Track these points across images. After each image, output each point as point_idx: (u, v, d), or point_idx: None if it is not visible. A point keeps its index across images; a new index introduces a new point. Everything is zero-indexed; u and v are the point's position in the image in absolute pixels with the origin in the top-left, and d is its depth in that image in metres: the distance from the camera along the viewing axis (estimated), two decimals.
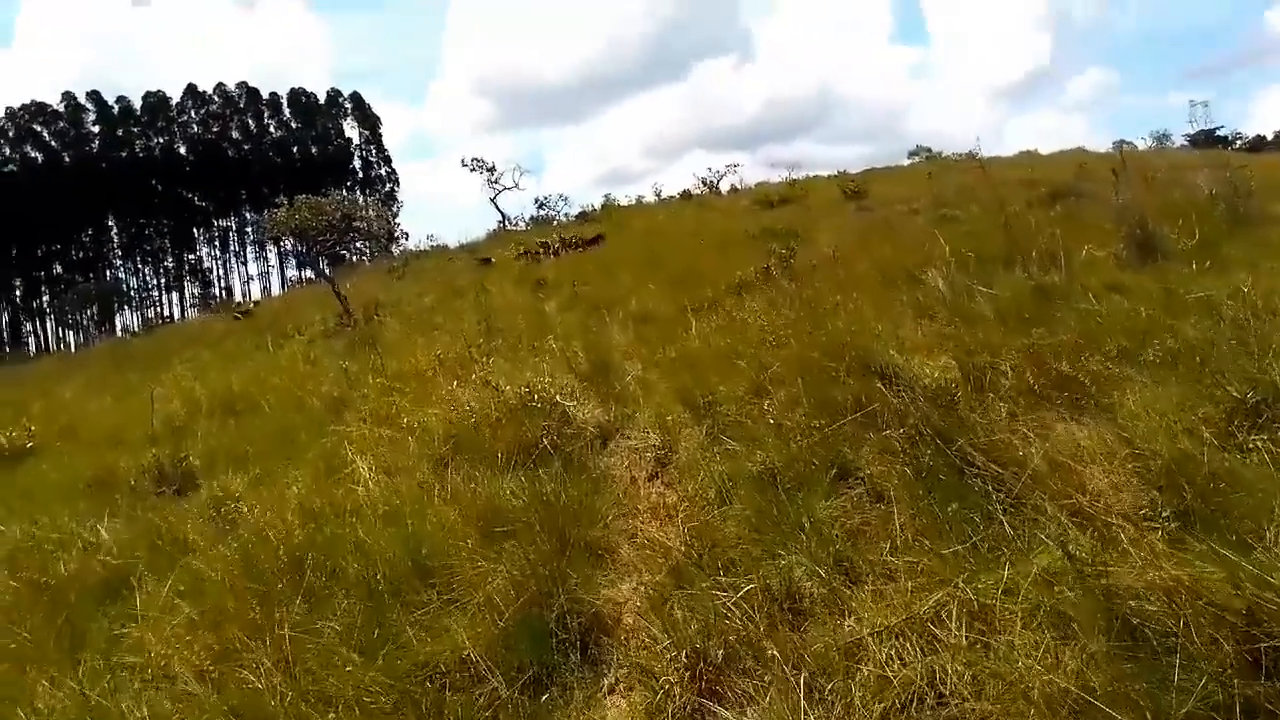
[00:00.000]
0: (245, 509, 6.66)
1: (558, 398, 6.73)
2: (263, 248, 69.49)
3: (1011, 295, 7.46)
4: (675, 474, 5.80)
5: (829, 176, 32.32)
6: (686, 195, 34.58)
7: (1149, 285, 7.26)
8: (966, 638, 3.12)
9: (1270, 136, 57.99)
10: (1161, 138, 51.00)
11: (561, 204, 37.27)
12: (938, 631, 3.19)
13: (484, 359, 9.08)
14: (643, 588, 4.31)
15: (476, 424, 6.46)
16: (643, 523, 5.13)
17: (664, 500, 5.43)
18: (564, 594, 3.90)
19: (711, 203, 29.97)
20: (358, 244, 19.68)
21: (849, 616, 3.45)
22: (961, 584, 3.36)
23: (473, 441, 6.35)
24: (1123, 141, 35.36)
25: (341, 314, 17.56)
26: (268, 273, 73.17)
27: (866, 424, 5.23)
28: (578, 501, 5.03)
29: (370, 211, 18.26)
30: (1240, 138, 58.49)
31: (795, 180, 31.13)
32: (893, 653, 3.12)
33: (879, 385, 5.69)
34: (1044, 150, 34.27)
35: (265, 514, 6.24)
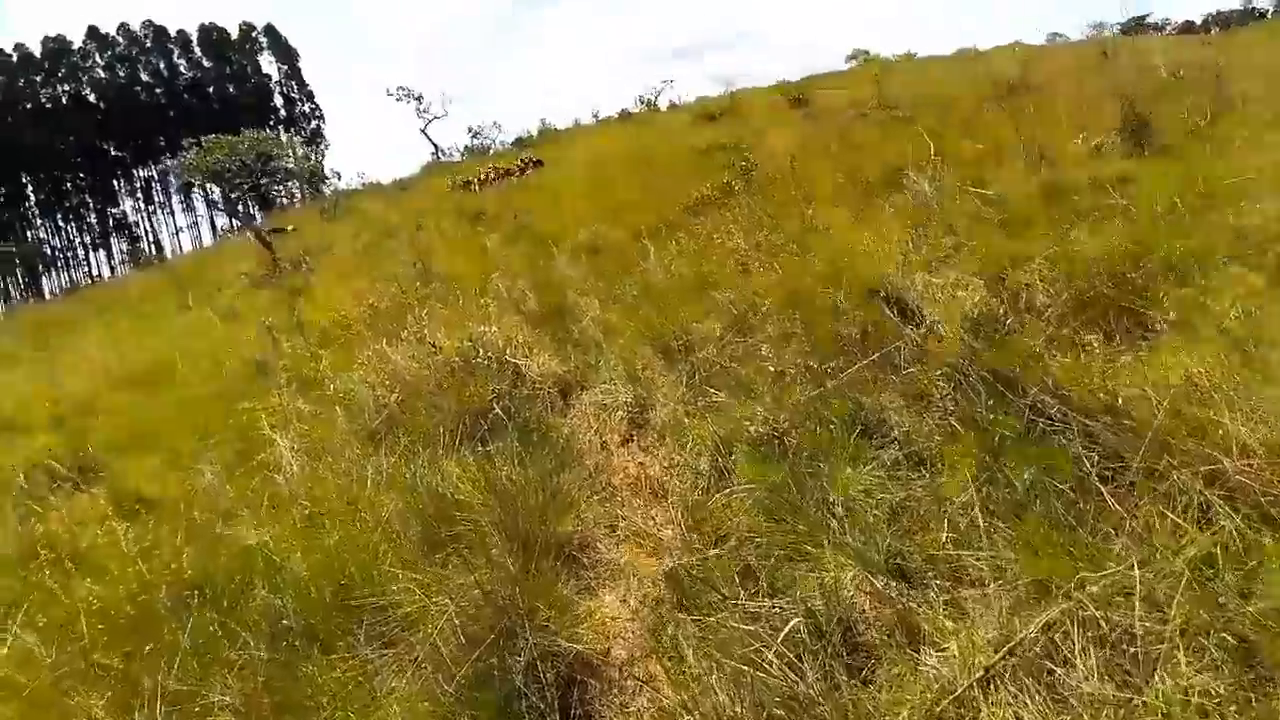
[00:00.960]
0: (140, 517, 5.49)
1: (507, 353, 5.63)
2: (189, 197, 65.49)
3: (1014, 196, 6.50)
4: (654, 436, 4.79)
5: (769, 87, 30.89)
6: (625, 115, 32.89)
7: (1163, 173, 6.33)
8: (1107, 679, 2.18)
9: (1199, 20, 57.49)
10: (1098, 26, 50.19)
11: (496, 132, 35.38)
12: (1061, 672, 2.26)
13: (420, 306, 7.89)
14: (632, 600, 3.33)
15: (413, 390, 5.34)
16: (623, 505, 4.13)
17: (645, 472, 4.42)
18: (531, 631, 2.87)
19: (651, 120, 28.45)
20: (284, 185, 17.92)
21: (929, 649, 2.50)
22: (1074, 592, 2.41)
23: (410, 411, 5.25)
24: (1055, 34, 34.31)
25: (269, 262, 16.05)
26: (197, 223, 69.23)
27: (883, 364, 4.25)
28: (540, 485, 3.98)
29: (291, 149, 16.52)
30: (1169, 23, 57.96)
31: (735, 92, 29.65)
32: (1012, 716, 2.18)
33: (889, 314, 4.71)
34: (982, 46, 33.09)
35: (161, 524, 5.09)
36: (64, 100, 67.81)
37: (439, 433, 4.84)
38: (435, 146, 34.77)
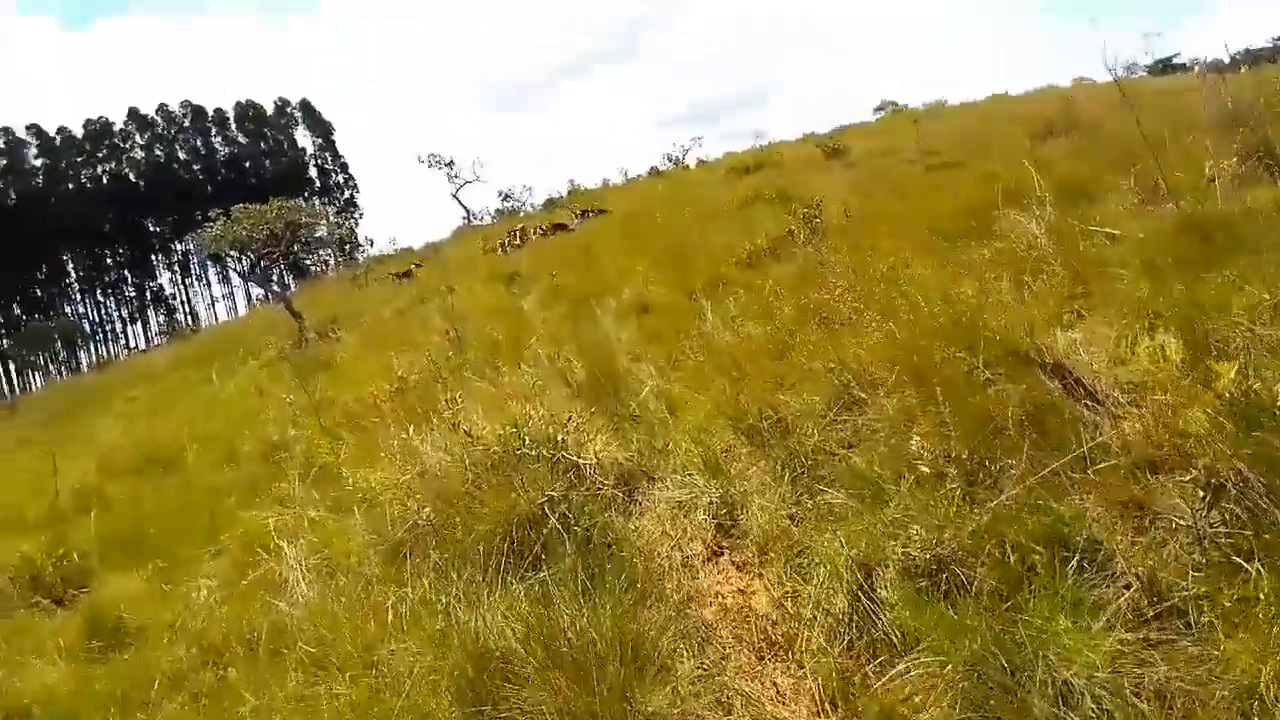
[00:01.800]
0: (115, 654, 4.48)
1: (558, 438, 4.59)
2: (224, 268, 65.76)
3: (1146, 234, 5.42)
4: (752, 550, 3.70)
5: (799, 139, 30.21)
6: (655, 172, 32.37)
7: None
8: None
9: (1227, 59, 56.49)
10: (1130, 67, 49.41)
11: (526, 194, 35.02)
12: None
13: (453, 382, 6.92)
14: None
15: (446, 491, 4.30)
16: (727, 658, 3.02)
17: (748, 603, 3.34)
18: None
19: (682, 177, 27.80)
20: (315, 254, 17.27)
21: None
22: None
23: (443, 519, 4.21)
24: (1081, 77, 33.42)
25: (297, 333, 15.29)
26: (232, 294, 69.28)
27: (1055, 453, 3.16)
28: (616, 637, 2.90)
29: (321, 216, 15.82)
30: (1199, 62, 56.92)
31: (767, 144, 29.02)
32: None
33: (1050, 385, 3.63)
34: (1012, 91, 32.14)
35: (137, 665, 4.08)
36: (104, 179, 69.01)
37: (477, 550, 3.78)
38: (466, 210, 34.44)
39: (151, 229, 71.30)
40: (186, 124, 74.98)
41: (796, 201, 14.62)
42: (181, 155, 73.80)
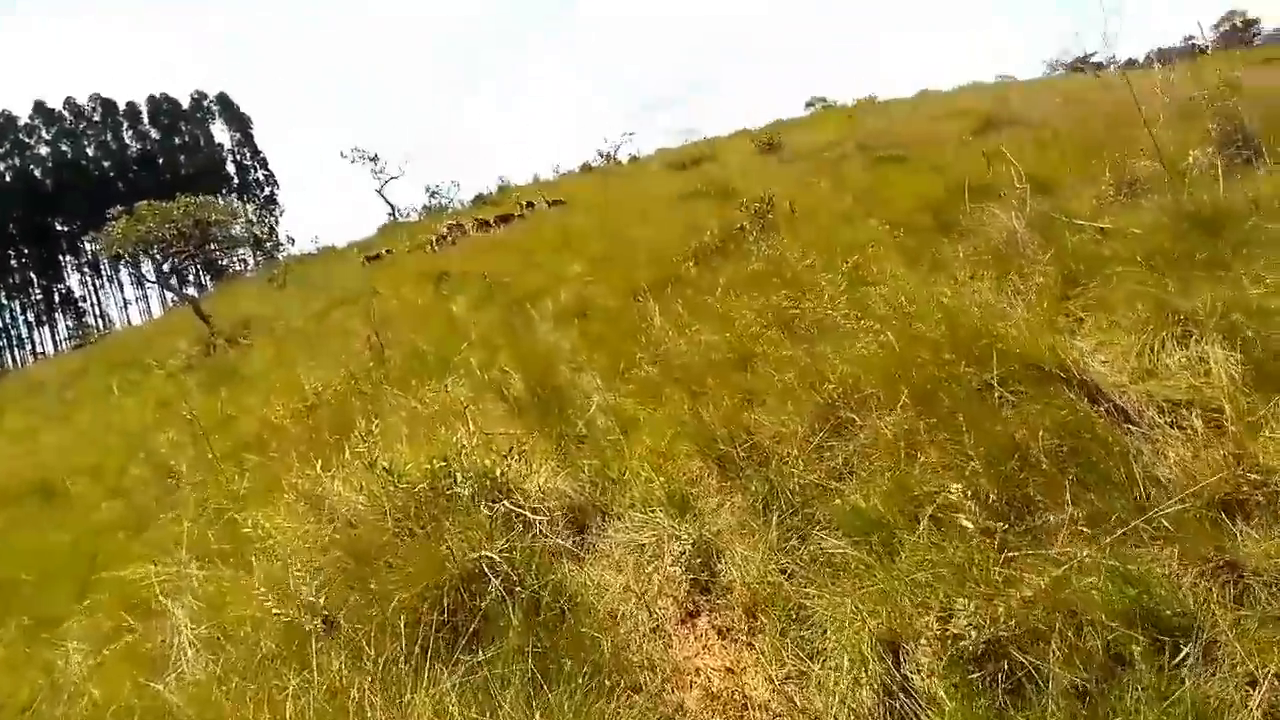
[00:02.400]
0: None
1: (496, 471, 3.86)
2: (139, 268, 62.11)
3: (1143, 227, 4.94)
4: (738, 612, 3.04)
5: (732, 135, 29.75)
6: (587, 168, 31.60)
7: None
8: None
9: (1141, 59, 58.37)
10: (1053, 65, 50.63)
11: (455, 190, 33.96)
12: None
13: (373, 398, 6.14)
14: None
15: (360, 547, 3.53)
16: None
17: (740, 688, 2.68)
18: None
19: (616, 171, 27.11)
20: (230, 253, 15.90)
21: None
22: None
23: (357, 580, 3.44)
24: (1002, 75, 33.81)
25: (208, 338, 14.11)
26: (146, 295, 65.81)
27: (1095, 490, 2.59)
28: None
29: (234, 214, 14.55)
30: (1115, 61, 58.64)
31: (700, 140, 28.56)
32: None
33: (1085, 407, 3.06)
34: (943, 88, 32.19)
35: None
36: (7, 177, 64.87)
37: (400, 622, 3.04)
38: (392, 207, 33.23)
39: (59, 228, 67.28)
40: (96, 119, 71.02)
41: (740, 197, 14.15)
42: (90, 151, 69.86)
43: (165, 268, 14.96)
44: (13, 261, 66.45)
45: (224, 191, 73.21)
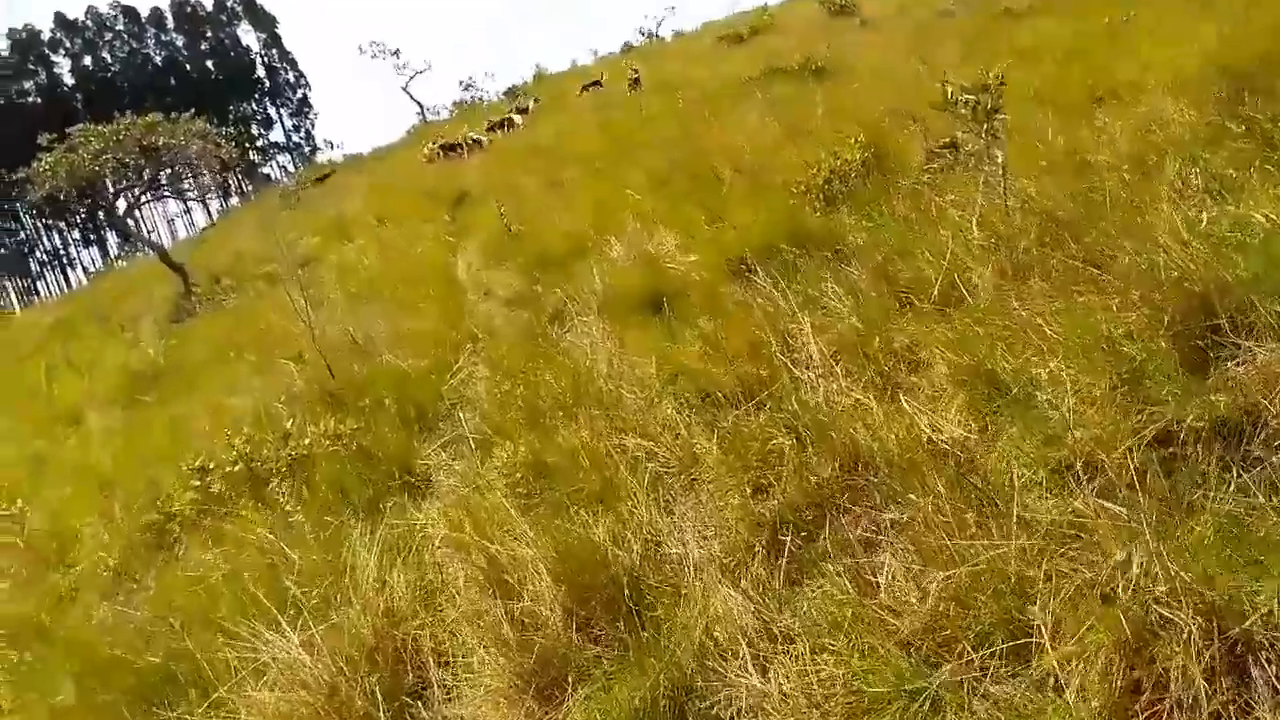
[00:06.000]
0: None
1: None
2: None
3: None
4: None
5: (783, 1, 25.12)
6: (628, 48, 27.42)
7: None
8: None
9: None
10: None
11: (489, 81, 30.25)
12: None
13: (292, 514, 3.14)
14: None
15: None
16: None
17: None
18: None
19: (662, 52, 22.98)
20: (192, 178, 12.71)
21: None
22: None
23: None
24: None
25: (182, 293, 11.25)
26: (190, 209, 63.15)
27: None
28: None
29: (187, 130, 11.23)
30: None
31: (753, 8, 24.14)
32: None
33: None
34: None
35: None
36: (32, 96, 61.75)
37: None
38: (420, 105, 29.71)
39: None
40: (119, 27, 67.02)
41: (832, 75, 10.53)
42: (117, 63, 66.25)
43: (98, 208, 11.74)
44: None
45: (256, 97, 69.38)
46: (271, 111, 69.51)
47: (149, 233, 61.09)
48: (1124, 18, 6.91)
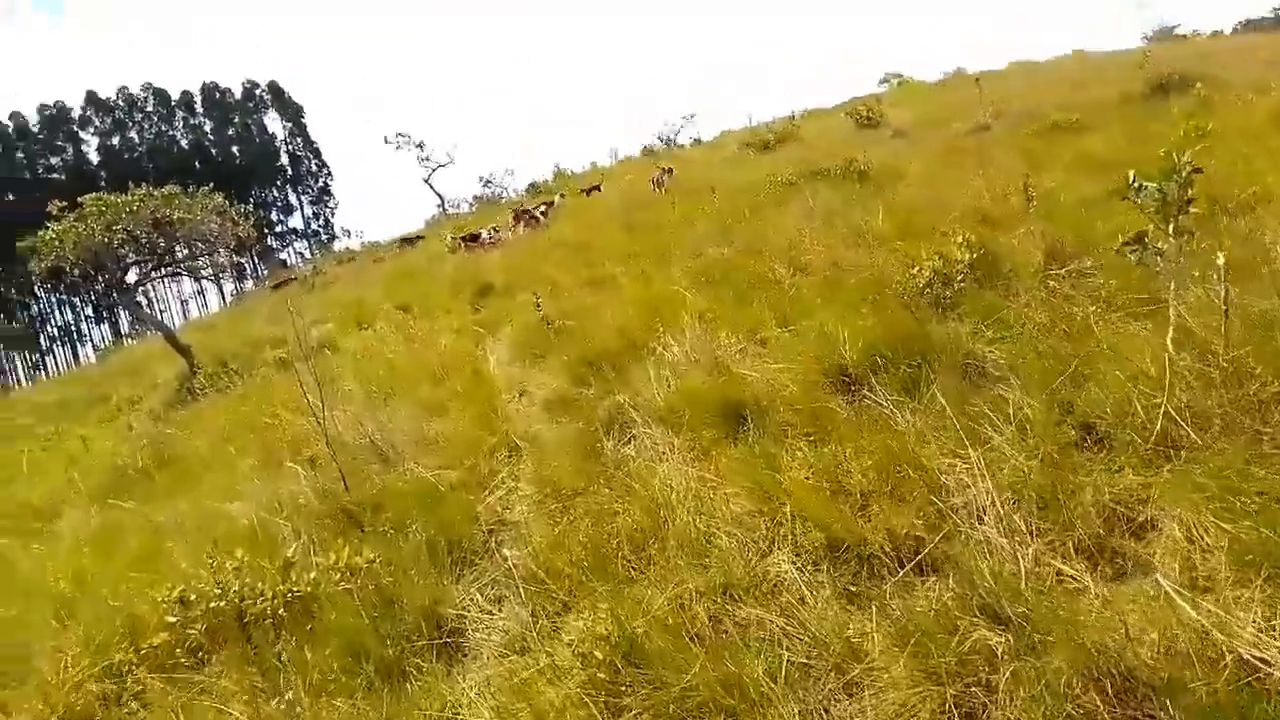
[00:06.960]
0: None
1: None
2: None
3: None
4: None
5: (808, 112, 25.45)
6: (648, 152, 27.60)
7: None
8: None
9: (1229, 30, 52.73)
10: (1146, 37, 45.58)
11: (508, 178, 30.44)
12: None
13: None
14: None
15: None
16: None
17: None
18: None
19: (684, 156, 23.00)
20: (209, 257, 12.12)
21: None
22: None
23: None
24: (1080, 49, 28.70)
25: (186, 375, 10.55)
26: (203, 290, 62.84)
27: None
28: None
29: (204, 206, 10.71)
30: (1199, 34, 53.28)
31: (795, 115, 24.26)
32: None
33: None
34: (1039, 59, 27.02)
35: None
36: (59, 172, 62.56)
37: None
38: (440, 197, 29.80)
39: None
40: (149, 108, 68.55)
41: (871, 181, 10.11)
42: (139, 139, 67.26)
43: (110, 285, 11.08)
44: None
45: (279, 183, 70.40)
46: (292, 198, 70.53)
47: (160, 312, 60.76)
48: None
